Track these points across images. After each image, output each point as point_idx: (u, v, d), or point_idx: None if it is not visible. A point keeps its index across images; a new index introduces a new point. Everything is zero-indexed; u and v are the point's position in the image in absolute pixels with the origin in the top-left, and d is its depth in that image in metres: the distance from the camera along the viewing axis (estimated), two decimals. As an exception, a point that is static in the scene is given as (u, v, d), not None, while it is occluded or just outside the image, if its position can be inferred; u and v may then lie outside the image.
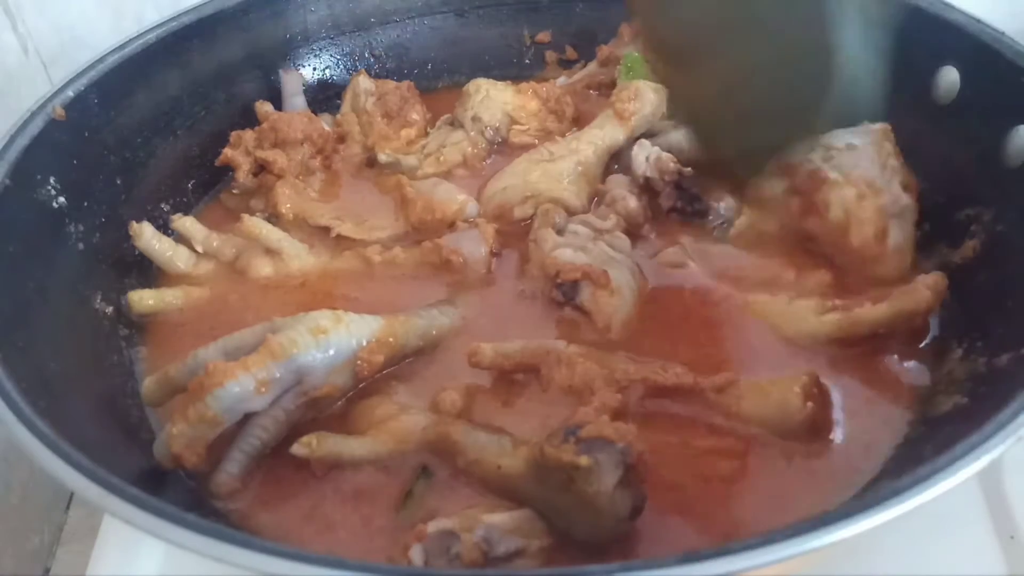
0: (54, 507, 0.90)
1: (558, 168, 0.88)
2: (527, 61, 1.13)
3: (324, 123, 0.96)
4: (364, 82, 1.02)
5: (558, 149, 0.91)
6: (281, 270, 0.82)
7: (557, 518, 0.57)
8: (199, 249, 0.85)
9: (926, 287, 0.68)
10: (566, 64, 1.13)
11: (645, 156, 0.86)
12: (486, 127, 0.98)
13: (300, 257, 0.83)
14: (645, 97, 0.93)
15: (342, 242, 0.86)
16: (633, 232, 0.83)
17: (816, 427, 0.64)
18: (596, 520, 0.56)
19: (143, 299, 0.80)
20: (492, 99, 0.99)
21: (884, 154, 0.77)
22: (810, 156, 0.78)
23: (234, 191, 0.94)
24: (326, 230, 0.87)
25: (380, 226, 0.87)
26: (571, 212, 0.85)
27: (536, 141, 0.97)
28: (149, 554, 0.67)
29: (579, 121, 1.00)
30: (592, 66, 1.09)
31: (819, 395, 0.64)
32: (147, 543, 0.68)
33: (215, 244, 0.85)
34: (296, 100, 1.01)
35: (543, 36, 1.12)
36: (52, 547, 0.88)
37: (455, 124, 1.00)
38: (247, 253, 0.83)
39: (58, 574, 0.86)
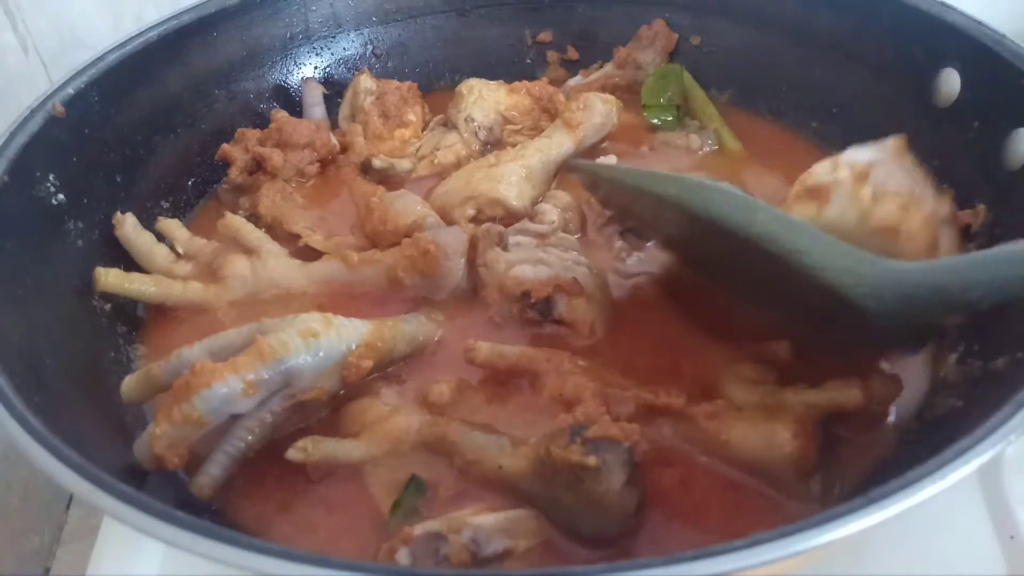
0: (54, 507, 0.90)
1: (500, 171, 0.88)
2: (528, 61, 1.12)
3: (334, 138, 0.96)
4: (366, 81, 1.02)
5: (505, 155, 0.90)
6: (258, 270, 0.80)
7: (562, 516, 0.58)
8: (180, 250, 0.84)
9: (859, 388, 0.64)
10: (568, 64, 1.13)
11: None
12: (479, 127, 0.98)
13: (277, 257, 0.82)
14: (594, 108, 0.93)
15: (309, 251, 0.84)
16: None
17: (801, 466, 0.61)
18: (603, 517, 0.56)
19: (107, 277, 0.77)
20: (485, 99, 0.98)
21: (909, 164, 0.73)
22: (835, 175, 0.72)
23: (224, 186, 0.94)
24: (297, 237, 0.86)
25: (347, 243, 0.85)
26: (511, 212, 0.85)
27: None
28: (149, 554, 0.67)
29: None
30: (609, 67, 1.07)
31: (811, 433, 0.61)
32: (147, 543, 0.67)
33: (197, 247, 0.84)
34: (315, 111, 1.01)
35: (544, 36, 1.12)
36: (52, 547, 0.88)
37: (448, 125, 1.00)
38: (223, 253, 0.82)
39: (58, 574, 0.86)
